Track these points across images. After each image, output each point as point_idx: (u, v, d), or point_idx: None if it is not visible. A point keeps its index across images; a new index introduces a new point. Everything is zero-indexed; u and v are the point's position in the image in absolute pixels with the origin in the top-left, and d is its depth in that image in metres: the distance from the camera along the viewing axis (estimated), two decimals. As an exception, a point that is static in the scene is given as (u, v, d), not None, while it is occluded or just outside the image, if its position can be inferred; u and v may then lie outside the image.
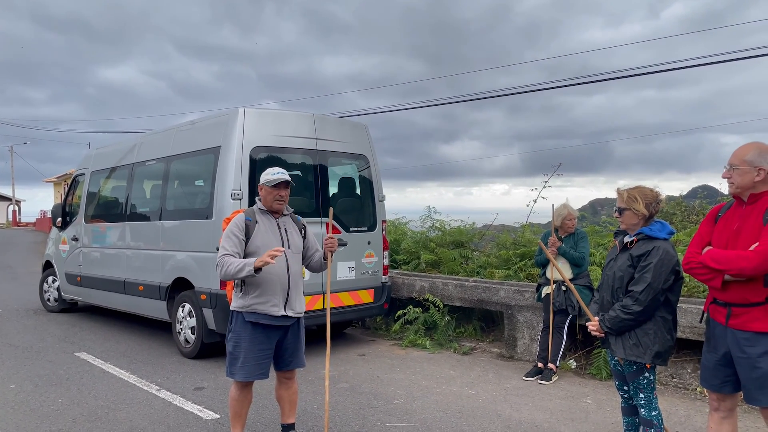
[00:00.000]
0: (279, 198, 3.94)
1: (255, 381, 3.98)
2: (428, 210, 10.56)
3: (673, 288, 3.49)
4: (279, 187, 3.93)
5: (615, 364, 3.73)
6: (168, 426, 4.68)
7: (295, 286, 3.98)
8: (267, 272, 3.82)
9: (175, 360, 6.77)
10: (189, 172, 7.48)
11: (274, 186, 3.92)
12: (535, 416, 4.90)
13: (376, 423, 4.75)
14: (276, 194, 3.93)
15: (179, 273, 7.01)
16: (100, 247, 8.87)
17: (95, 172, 9.41)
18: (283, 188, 3.94)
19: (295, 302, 3.97)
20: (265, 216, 3.99)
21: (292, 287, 3.95)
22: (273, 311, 3.85)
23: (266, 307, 3.84)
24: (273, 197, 3.93)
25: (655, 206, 3.57)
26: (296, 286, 3.99)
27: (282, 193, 3.94)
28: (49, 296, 10.27)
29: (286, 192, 3.97)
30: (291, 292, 3.94)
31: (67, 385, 5.78)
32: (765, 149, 3.08)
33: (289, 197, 4.07)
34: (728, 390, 3.27)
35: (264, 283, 3.84)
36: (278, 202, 3.95)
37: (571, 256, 5.93)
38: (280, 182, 3.91)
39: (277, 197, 3.94)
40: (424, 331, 7.63)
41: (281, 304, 3.89)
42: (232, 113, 6.65)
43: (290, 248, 3.98)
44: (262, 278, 3.83)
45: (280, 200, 3.95)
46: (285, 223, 4.04)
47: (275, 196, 3.93)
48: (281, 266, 3.90)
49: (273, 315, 3.85)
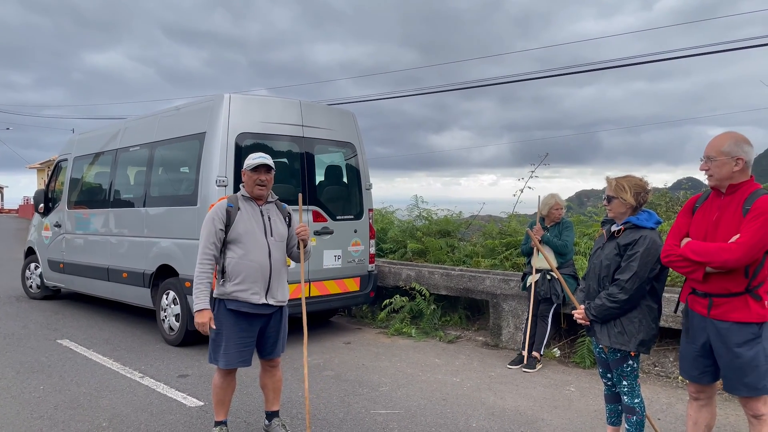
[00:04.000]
0: (260, 182, 3.86)
1: (238, 368, 3.97)
2: (415, 199, 10.57)
3: (659, 277, 3.51)
4: (259, 171, 3.84)
5: (599, 351, 3.75)
6: (151, 413, 4.65)
7: (278, 274, 3.92)
8: (248, 260, 3.79)
9: (159, 347, 6.72)
10: (174, 159, 7.39)
11: (254, 170, 3.84)
12: (518, 404, 4.93)
13: (361, 410, 4.75)
14: (256, 178, 3.85)
15: (163, 260, 6.94)
16: (83, 233, 8.77)
17: (78, 158, 9.28)
18: (263, 172, 3.86)
19: (277, 291, 3.92)
20: (249, 203, 3.92)
21: (274, 276, 3.89)
22: (253, 299, 3.81)
23: (246, 294, 3.80)
24: (253, 182, 3.86)
25: (643, 196, 3.58)
26: (278, 274, 3.93)
27: (262, 177, 3.86)
28: (32, 283, 10.16)
29: (267, 177, 3.88)
30: (272, 280, 3.88)
31: (48, 372, 5.72)
32: (740, 138, 3.08)
33: (274, 184, 4.01)
34: (707, 380, 3.30)
35: (245, 270, 3.80)
36: (259, 187, 3.87)
37: (555, 244, 5.95)
38: (259, 165, 3.83)
39: (258, 181, 3.85)
40: (409, 320, 7.65)
41: (262, 293, 3.84)
42: (217, 99, 6.57)
43: (273, 236, 3.92)
44: (243, 266, 3.79)
45: (261, 185, 3.87)
46: (269, 211, 3.98)
47: (255, 180, 3.85)
48: (263, 254, 3.85)
49: (253, 303, 3.82)
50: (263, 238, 3.87)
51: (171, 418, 4.54)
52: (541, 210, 6.21)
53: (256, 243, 3.84)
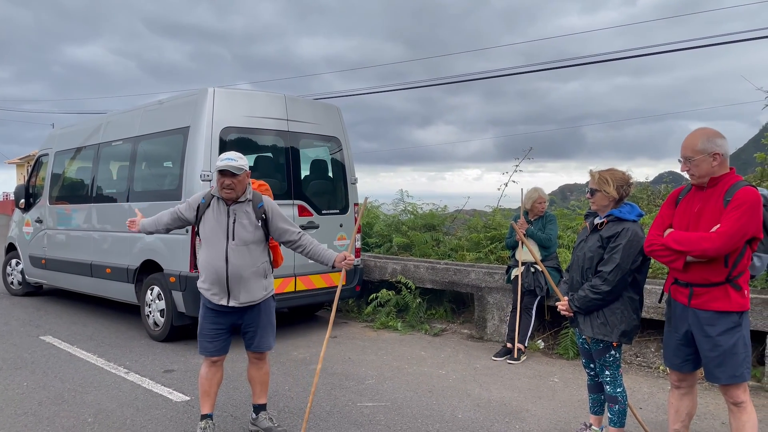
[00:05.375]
0: (224, 186, 3.72)
1: (225, 360, 4.01)
2: (401, 194, 10.60)
3: (641, 269, 3.57)
4: (224, 174, 3.69)
5: (582, 342, 3.81)
6: (137, 408, 4.63)
7: (237, 279, 3.78)
8: (207, 263, 3.82)
9: (144, 343, 6.69)
10: (157, 153, 7.33)
11: (219, 172, 3.70)
12: (503, 395, 4.98)
13: (347, 403, 4.78)
14: (221, 181, 3.71)
15: (148, 255, 6.89)
16: (65, 229, 8.67)
17: (60, 153, 9.16)
18: (228, 176, 3.68)
19: (240, 294, 3.82)
20: (219, 202, 3.83)
21: (232, 280, 3.78)
22: (214, 300, 3.85)
23: (208, 294, 3.86)
24: (219, 185, 3.75)
25: (626, 189, 3.63)
26: (238, 278, 3.78)
27: (227, 181, 3.70)
28: (13, 279, 10.03)
29: (232, 180, 3.69)
30: (231, 284, 3.78)
31: (32, 368, 5.67)
32: (712, 134, 3.15)
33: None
34: (689, 368, 3.37)
35: (204, 271, 3.85)
36: (225, 190, 3.73)
37: (539, 237, 6.01)
38: (224, 169, 3.66)
39: (223, 185, 3.72)
40: (395, 313, 7.68)
41: (222, 295, 3.83)
42: (201, 93, 6.52)
43: (234, 240, 3.78)
44: (203, 267, 3.86)
45: (226, 188, 3.72)
46: (237, 211, 3.82)
47: (220, 183, 3.73)
48: (220, 258, 3.77)
49: (216, 303, 3.86)
50: (222, 242, 3.78)
51: (157, 413, 4.53)
52: (525, 204, 6.26)
53: (215, 247, 3.80)
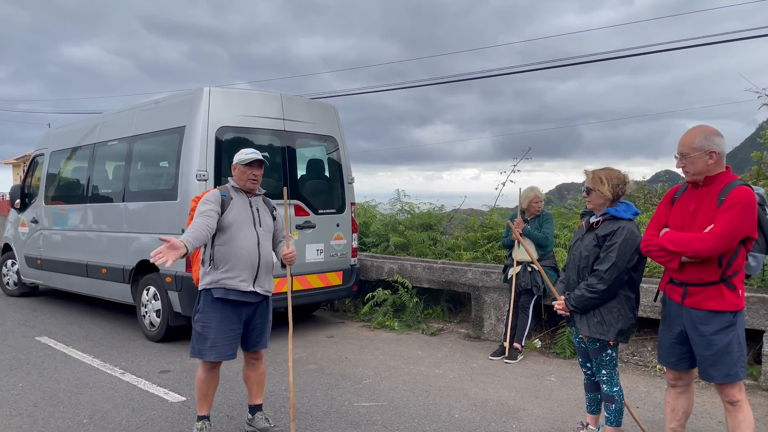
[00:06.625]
0: (252, 177, 3.96)
1: (222, 362, 3.96)
2: (398, 193, 10.59)
3: (637, 267, 3.57)
4: (252, 166, 3.94)
5: (579, 341, 3.81)
6: (132, 409, 4.62)
7: (265, 264, 3.98)
8: (237, 247, 3.83)
9: (140, 344, 6.67)
10: (153, 153, 7.31)
11: (248, 165, 3.93)
12: (500, 394, 4.98)
13: (344, 403, 4.77)
14: (250, 173, 3.95)
15: (143, 255, 6.86)
16: (61, 229, 8.64)
17: (55, 153, 9.13)
18: (256, 167, 3.96)
19: (264, 280, 3.97)
20: (239, 194, 4.00)
21: (262, 264, 3.95)
22: (242, 286, 3.83)
23: (235, 282, 3.82)
24: (247, 176, 3.95)
25: (621, 188, 3.63)
26: (266, 264, 3.98)
27: (255, 172, 3.96)
28: (9, 280, 10.00)
29: (259, 171, 3.99)
30: (260, 269, 3.93)
31: (27, 369, 5.65)
32: (709, 131, 3.15)
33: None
34: (684, 367, 3.37)
35: (234, 257, 3.83)
36: (252, 181, 3.97)
37: (535, 236, 6.01)
38: (253, 161, 3.93)
39: (251, 176, 3.95)
40: (392, 313, 7.67)
41: (250, 280, 3.87)
42: (197, 92, 6.50)
43: (261, 227, 4.00)
44: (232, 253, 3.83)
45: (253, 179, 3.97)
46: (257, 203, 4.06)
47: (249, 175, 3.95)
48: (252, 242, 3.91)
49: (241, 290, 3.83)
50: (252, 227, 3.94)
51: (153, 414, 4.52)
52: (521, 203, 6.26)
53: (246, 231, 3.90)
